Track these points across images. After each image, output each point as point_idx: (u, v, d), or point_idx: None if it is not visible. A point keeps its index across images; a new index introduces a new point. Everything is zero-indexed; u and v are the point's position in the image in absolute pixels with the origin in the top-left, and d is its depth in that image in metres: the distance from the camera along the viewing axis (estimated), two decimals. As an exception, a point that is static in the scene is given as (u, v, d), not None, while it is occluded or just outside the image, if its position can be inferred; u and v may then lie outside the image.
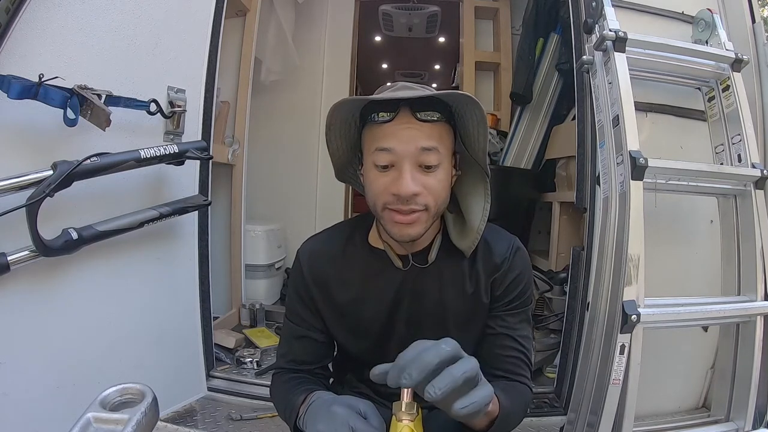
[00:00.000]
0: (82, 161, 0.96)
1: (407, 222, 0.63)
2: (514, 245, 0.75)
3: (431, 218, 0.65)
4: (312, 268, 0.75)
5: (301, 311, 0.76)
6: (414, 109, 0.61)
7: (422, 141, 0.61)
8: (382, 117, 0.62)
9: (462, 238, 0.72)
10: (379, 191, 0.64)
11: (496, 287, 0.73)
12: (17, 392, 0.98)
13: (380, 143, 0.62)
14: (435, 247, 0.72)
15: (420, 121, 0.61)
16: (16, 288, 0.96)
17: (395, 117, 0.62)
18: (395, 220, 0.64)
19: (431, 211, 0.64)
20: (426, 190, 0.62)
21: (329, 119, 0.65)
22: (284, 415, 0.71)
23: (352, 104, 0.64)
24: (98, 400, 0.40)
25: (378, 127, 0.63)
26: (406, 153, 0.61)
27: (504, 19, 2.79)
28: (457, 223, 0.74)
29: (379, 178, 0.64)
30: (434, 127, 0.63)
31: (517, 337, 0.73)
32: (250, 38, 2.04)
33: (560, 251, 2.10)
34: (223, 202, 2.04)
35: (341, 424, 0.50)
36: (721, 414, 1.20)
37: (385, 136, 0.62)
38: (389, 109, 0.62)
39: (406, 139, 0.61)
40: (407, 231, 0.64)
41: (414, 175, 0.61)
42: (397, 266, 0.72)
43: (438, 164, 0.63)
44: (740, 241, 1.19)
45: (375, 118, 0.63)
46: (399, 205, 0.62)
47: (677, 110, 1.36)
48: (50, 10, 0.98)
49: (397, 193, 0.61)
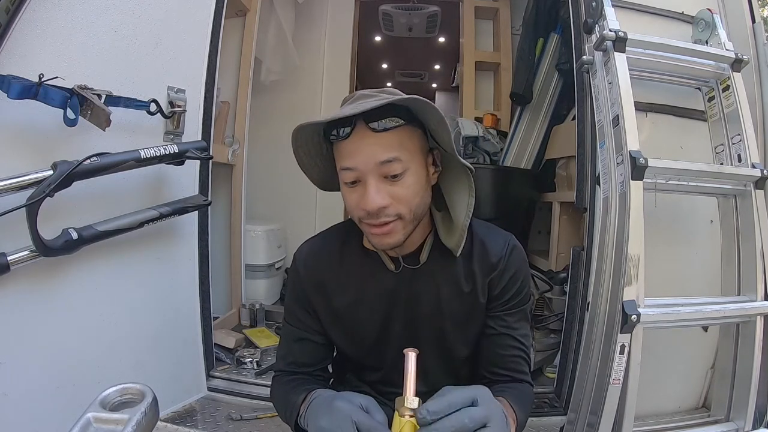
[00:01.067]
0: (82, 161, 0.96)
1: (383, 233, 0.64)
2: (509, 243, 0.74)
3: (409, 224, 0.65)
4: (308, 272, 0.75)
5: (299, 314, 0.77)
6: (368, 121, 0.60)
7: (380, 154, 0.60)
8: (337, 135, 0.62)
9: (449, 236, 0.71)
10: (351, 207, 0.65)
11: (494, 287, 0.73)
12: (17, 392, 0.97)
13: (343, 162, 0.63)
14: (426, 248, 0.72)
15: (378, 132, 0.60)
16: (16, 288, 0.96)
17: (352, 132, 0.61)
18: (371, 232, 0.65)
19: (406, 218, 0.64)
20: (394, 200, 0.62)
21: (293, 143, 0.66)
22: (285, 416, 0.71)
23: (309, 129, 0.64)
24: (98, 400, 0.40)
25: (339, 144, 0.63)
26: (367, 168, 0.61)
27: (504, 19, 2.79)
28: (445, 221, 0.74)
29: (349, 194, 0.65)
30: (394, 135, 0.61)
31: (518, 336, 0.74)
32: (250, 38, 2.04)
33: (560, 251, 2.10)
34: (223, 202, 2.04)
35: (344, 419, 0.50)
36: (721, 414, 1.20)
37: (347, 153, 0.62)
38: (345, 125, 0.61)
39: (364, 155, 0.61)
40: (385, 240, 0.64)
41: (379, 188, 0.61)
42: (390, 269, 0.72)
43: (403, 171, 0.62)
44: (740, 241, 1.19)
45: (334, 136, 0.63)
46: (370, 220, 0.63)
47: (677, 110, 1.36)
48: (50, 10, 0.98)
49: (364, 209, 0.62)
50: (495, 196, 2.21)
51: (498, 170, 2.38)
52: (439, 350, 0.74)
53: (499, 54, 2.79)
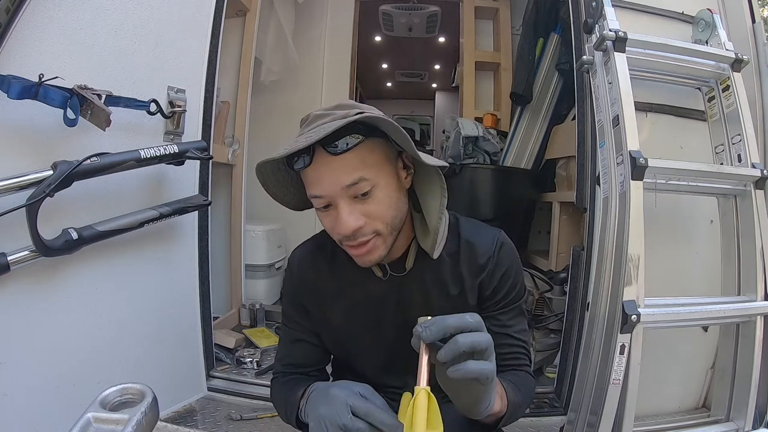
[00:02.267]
0: (82, 161, 0.96)
1: (362, 253, 0.63)
2: (498, 241, 0.72)
3: (388, 237, 0.64)
4: (302, 278, 0.76)
5: (296, 316, 0.78)
6: (326, 146, 0.59)
7: (343, 178, 0.59)
8: (300, 164, 0.61)
9: (425, 238, 0.70)
10: (329, 230, 0.65)
11: (485, 288, 0.71)
12: (17, 392, 0.97)
13: (310, 190, 0.63)
14: (411, 254, 0.71)
15: (337, 155, 0.59)
16: (16, 288, 0.96)
17: (312, 160, 0.60)
18: (352, 253, 0.65)
19: (384, 232, 0.63)
20: (368, 218, 0.61)
21: (260, 179, 0.66)
22: (285, 413, 0.71)
23: (270, 164, 0.63)
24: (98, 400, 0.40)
25: (303, 173, 0.63)
26: (334, 193, 0.60)
27: (504, 19, 2.79)
28: (423, 223, 0.72)
29: (324, 218, 0.65)
30: (354, 154, 0.59)
31: (513, 333, 0.73)
32: (250, 38, 2.04)
33: (560, 251, 2.10)
34: (223, 202, 2.04)
35: (341, 405, 0.51)
36: (721, 414, 1.20)
37: (311, 182, 0.62)
38: (304, 153, 0.60)
39: (328, 182, 0.60)
40: (367, 259, 0.64)
41: (351, 210, 0.60)
42: (378, 276, 0.72)
43: (371, 188, 0.61)
44: (740, 241, 1.19)
45: (297, 166, 0.62)
46: (348, 242, 0.63)
47: (677, 110, 1.36)
48: (50, 10, 0.98)
49: (339, 233, 0.62)
50: (495, 196, 2.21)
51: (498, 170, 2.38)
52: None
53: (499, 54, 2.79)
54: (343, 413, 0.51)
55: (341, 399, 0.52)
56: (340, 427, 0.51)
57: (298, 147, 0.58)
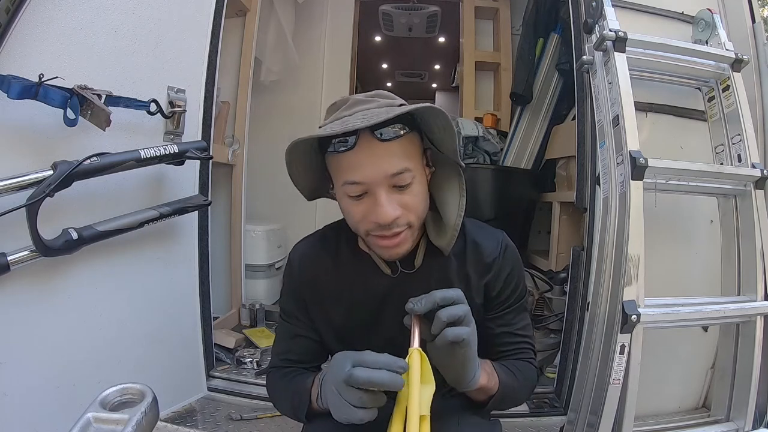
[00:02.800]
0: (82, 161, 0.96)
1: (393, 244, 0.63)
2: (502, 242, 0.74)
3: (416, 231, 0.65)
4: (303, 273, 0.75)
5: (295, 311, 0.77)
6: (374, 130, 0.58)
7: (389, 167, 0.59)
8: (342, 146, 0.59)
9: (440, 236, 0.70)
10: (357, 220, 0.63)
11: (491, 288, 0.73)
12: (17, 392, 0.97)
13: (347, 176, 0.60)
14: (421, 251, 0.71)
15: (384, 142, 0.58)
16: (16, 288, 0.96)
17: (356, 143, 0.58)
18: (381, 245, 0.63)
19: (414, 225, 0.64)
20: (405, 210, 0.61)
21: (288, 157, 0.63)
22: (291, 403, 0.70)
23: (307, 142, 0.61)
24: (98, 400, 0.40)
25: (340, 156, 0.60)
26: (376, 181, 0.59)
27: (504, 19, 2.79)
28: (435, 220, 0.72)
29: (354, 207, 0.62)
30: (400, 144, 0.60)
31: (516, 331, 0.74)
32: (250, 38, 2.04)
33: (560, 251, 2.10)
34: (223, 202, 2.04)
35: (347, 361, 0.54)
36: (721, 414, 1.19)
37: (351, 167, 0.60)
38: (348, 136, 0.59)
39: (373, 168, 0.59)
40: (395, 251, 0.64)
41: (390, 199, 0.60)
42: (385, 273, 0.71)
43: (411, 180, 0.61)
44: (740, 241, 1.19)
45: (335, 148, 0.60)
46: (382, 232, 0.61)
47: (677, 110, 1.36)
48: (50, 10, 0.98)
49: (376, 222, 0.60)
50: (495, 196, 2.21)
51: (498, 170, 2.38)
52: None
53: (499, 54, 2.79)
54: (347, 367, 0.53)
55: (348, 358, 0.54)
56: (344, 381, 0.52)
57: (354, 127, 0.56)
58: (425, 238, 0.72)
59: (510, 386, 0.68)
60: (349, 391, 0.52)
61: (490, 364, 0.68)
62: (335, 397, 0.54)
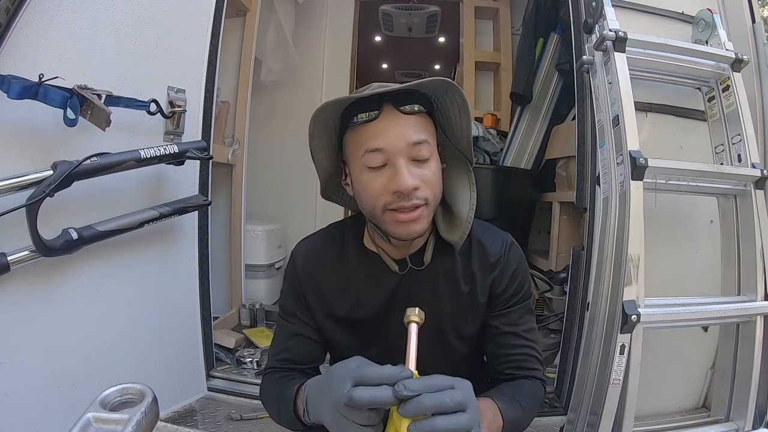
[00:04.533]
0: (82, 161, 0.96)
1: (411, 219, 0.61)
2: (507, 241, 0.75)
3: (431, 213, 0.65)
4: (306, 272, 0.74)
5: (296, 311, 0.76)
6: (397, 104, 0.60)
7: (412, 135, 0.60)
8: (365, 117, 0.60)
9: (451, 230, 0.70)
10: (376, 193, 0.62)
11: (496, 286, 0.73)
12: (17, 392, 0.97)
13: (369, 144, 0.60)
14: (430, 248, 0.71)
15: (405, 114, 0.60)
16: (16, 288, 0.96)
17: (380, 114, 0.60)
18: (399, 219, 0.62)
19: (431, 204, 0.63)
20: (424, 183, 0.61)
21: (312, 128, 0.63)
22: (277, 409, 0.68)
23: (335, 106, 0.61)
24: (98, 400, 0.40)
25: (362, 127, 0.61)
26: (398, 149, 0.60)
27: (504, 19, 2.79)
28: (445, 216, 0.73)
29: (373, 179, 0.62)
30: (420, 119, 0.62)
31: (522, 332, 0.73)
32: (250, 38, 2.04)
33: (560, 251, 2.10)
34: (223, 202, 2.04)
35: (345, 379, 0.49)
36: (721, 414, 1.19)
37: (373, 135, 0.60)
38: (372, 108, 0.60)
39: (395, 136, 0.60)
40: (413, 228, 0.62)
41: (410, 169, 0.60)
42: (393, 270, 0.71)
43: (430, 156, 0.62)
44: (740, 241, 1.19)
45: (358, 120, 0.61)
46: (401, 203, 0.61)
47: (677, 110, 1.36)
48: (50, 10, 0.98)
49: (397, 190, 0.60)
50: (495, 196, 2.22)
51: (498, 170, 2.38)
52: (438, 348, 0.74)
53: (499, 54, 2.79)
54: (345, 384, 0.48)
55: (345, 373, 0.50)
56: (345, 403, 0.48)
57: (377, 92, 0.59)
58: (434, 235, 0.72)
59: (516, 421, 0.64)
60: (353, 413, 0.49)
61: (492, 408, 0.62)
62: (338, 418, 0.50)
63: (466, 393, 0.48)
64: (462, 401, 0.47)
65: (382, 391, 0.47)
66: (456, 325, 0.73)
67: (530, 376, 0.73)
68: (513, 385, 0.71)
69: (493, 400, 0.63)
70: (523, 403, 0.67)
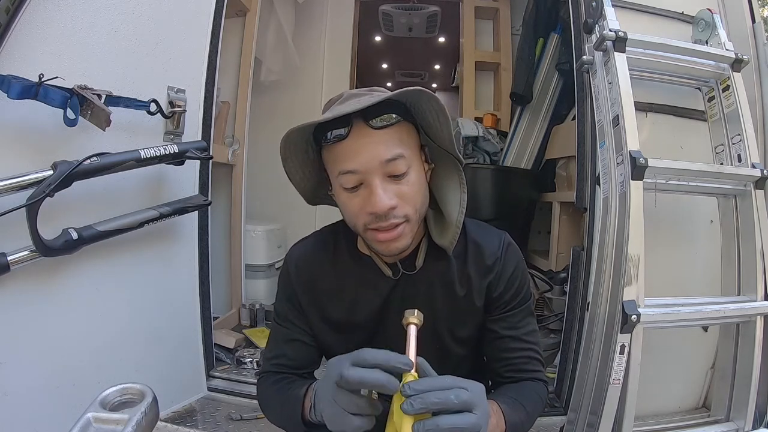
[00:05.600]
0: (82, 161, 0.96)
1: (391, 238, 0.61)
2: (504, 242, 0.73)
3: (415, 225, 0.63)
4: (300, 277, 0.74)
5: (291, 315, 0.75)
6: (367, 119, 0.58)
7: (383, 153, 0.58)
8: (336, 136, 0.59)
9: (443, 234, 0.69)
10: (354, 213, 0.61)
11: (493, 289, 0.71)
12: (17, 392, 0.97)
13: (342, 166, 0.59)
14: (422, 252, 0.70)
15: (377, 129, 0.58)
16: (16, 288, 0.96)
17: (349, 132, 0.58)
18: (379, 239, 0.61)
19: (413, 219, 0.62)
20: (402, 201, 0.60)
21: (282, 152, 0.63)
22: (280, 412, 0.67)
23: (300, 132, 0.61)
24: (98, 400, 0.40)
25: (335, 146, 0.60)
26: (371, 168, 0.58)
27: (504, 19, 2.79)
28: (437, 219, 0.71)
29: (350, 200, 0.61)
30: (393, 131, 0.60)
31: (522, 335, 0.72)
32: (250, 38, 2.04)
33: (560, 251, 2.10)
34: (223, 202, 2.04)
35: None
36: (721, 414, 1.19)
37: (345, 156, 0.59)
38: (341, 125, 0.58)
39: (366, 156, 0.58)
40: (393, 246, 0.62)
41: (385, 188, 0.59)
42: (386, 275, 0.70)
43: (407, 169, 0.60)
44: (740, 241, 1.19)
45: (329, 138, 0.59)
46: (379, 223, 0.60)
47: (677, 110, 1.36)
48: (50, 10, 0.98)
49: (372, 212, 0.59)
50: (495, 196, 2.22)
51: (498, 170, 2.38)
52: (435, 351, 0.73)
53: (499, 54, 2.79)
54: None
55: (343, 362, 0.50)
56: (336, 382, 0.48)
57: (343, 112, 0.56)
58: (427, 238, 0.71)
59: (519, 424, 0.64)
60: (342, 396, 0.49)
61: (496, 410, 0.62)
62: (330, 405, 0.50)
63: (475, 393, 0.48)
64: (468, 400, 0.46)
65: (372, 373, 0.47)
66: (452, 328, 0.72)
67: (532, 378, 0.73)
68: (516, 388, 0.71)
69: (497, 403, 0.63)
70: (526, 406, 0.67)
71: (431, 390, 0.46)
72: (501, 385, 0.73)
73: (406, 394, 0.45)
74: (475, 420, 0.46)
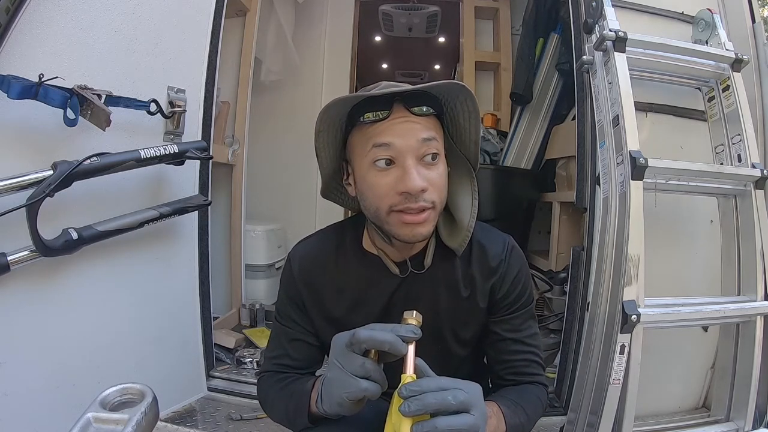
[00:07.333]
0: (82, 161, 0.96)
1: (418, 221, 0.60)
2: (508, 245, 0.73)
3: (437, 216, 0.63)
4: (303, 275, 0.73)
5: (293, 314, 0.75)
6: (408, 105, 0.59)
7: (422, 132, 0.59)
8: (373, 117, 0.59)
9: (452, 236, 0.70)
10: (383, 193, 0.60)
11: (496, 291, 0.72)
12: (17, 392, 0.98)
13: (377, 139, 0.59)
14: (430, 251, 0.70)
15: (415, 116, 0.60)
16: (16, 288, 0.96)
17: (389, 115, 0.59)
18: (405, 221, 0.60)
19: (437, 208, 0.62)
20: (431, 186, 0.60)
21: (318, 124, 0.62)
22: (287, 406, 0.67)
23: (343, 104, 0.60)
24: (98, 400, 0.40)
25: (370, 126, 0.60)
26: (407, 147, 0.58)
27: (504, 19, 2.79)
28: (447, 222, 0.72)
29: (380, 178, 0.60)
30: (429, 121, 0.61)
31: (524, 338, 0.73)
32: (250, 38, 2.04)
33: (560, 251, 2.10)
34: (223, 202, 2.04)
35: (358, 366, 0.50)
36: (721, 414, 1.20)
37: (382, 132, 0.59)
38: (382, 107, 0.59)
39: (404, 133, 0.59)
40: (419, 230, 0.60)
41: (419, 170, 0.59)
42: (393, 273, 0.70)
43: (439, 155, 0.61)
44: (740, 241, 1.19)
45: (366, 119, 0.59)
46: (407, 204, 0.59)
47: (677, 110, 1.36)
48: (50, 10, 0.98)
49: (405, 191, 0.58)
50: (495, 196, 2.21)
51: (498, 170, 2.38)
52: (437, 351, 0.73)
53: (499, 54, 2.79)
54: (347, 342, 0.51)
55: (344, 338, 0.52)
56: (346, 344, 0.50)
57: (389, 92, 0.58)
58: (435, 239, 0.71)
59: (519, 427, 0.65)
60: (351, 358, 0.50)
61: (496, 413, 0.62)
62: (336, 371, 0.51)
63: (472, 394, 0.48)
64: (465, 401, 0.47)
65: (381, 333, 0.49)
66: (455, 329, 0.73)
67: (533, 381, 0.73)
68: (517, 390, 0.71)
69: (497, 405, 0.63)
70: (527, 408, 0.67)
71: (429, 391, 0.46)
72: (501, 387, 0.74)
73: (404, 395, 0.46)
74: (473, 421, 0.46)
